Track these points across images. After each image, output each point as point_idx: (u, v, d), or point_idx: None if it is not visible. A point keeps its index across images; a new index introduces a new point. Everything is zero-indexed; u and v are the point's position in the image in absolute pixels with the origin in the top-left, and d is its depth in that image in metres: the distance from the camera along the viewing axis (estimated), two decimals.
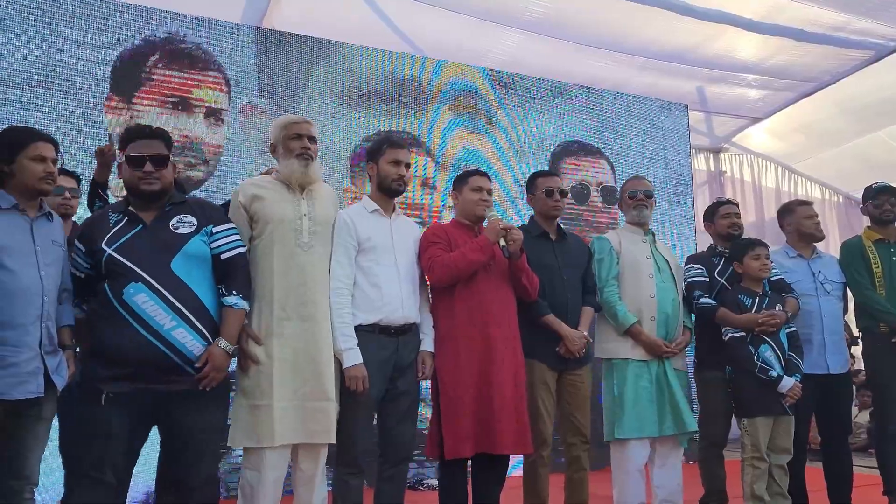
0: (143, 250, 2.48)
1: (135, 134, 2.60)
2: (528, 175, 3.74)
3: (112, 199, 3.35)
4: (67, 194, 3.23)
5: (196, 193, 4.67)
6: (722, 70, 6.63)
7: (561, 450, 3.55)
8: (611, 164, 6.57)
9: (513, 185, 6.01)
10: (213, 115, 5.03)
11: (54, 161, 2.48)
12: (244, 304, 2.61)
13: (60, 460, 2.58)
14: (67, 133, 4.53)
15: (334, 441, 2.78)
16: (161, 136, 2.62)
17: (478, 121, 6.01)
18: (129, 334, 2.39)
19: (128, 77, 4.80)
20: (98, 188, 3.32)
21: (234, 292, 2.58)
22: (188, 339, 2.44)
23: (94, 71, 4.70)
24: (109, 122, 4.70)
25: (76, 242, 2.57)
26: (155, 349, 2.39)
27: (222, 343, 2.51)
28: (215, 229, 2.62)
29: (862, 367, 5.74)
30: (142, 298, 2.41)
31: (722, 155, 8.42)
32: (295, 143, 2.86)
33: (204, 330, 2.49)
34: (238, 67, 5.15)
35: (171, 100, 4.92)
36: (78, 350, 2.57)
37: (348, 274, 2.91)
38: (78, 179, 3.39)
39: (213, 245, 2.59)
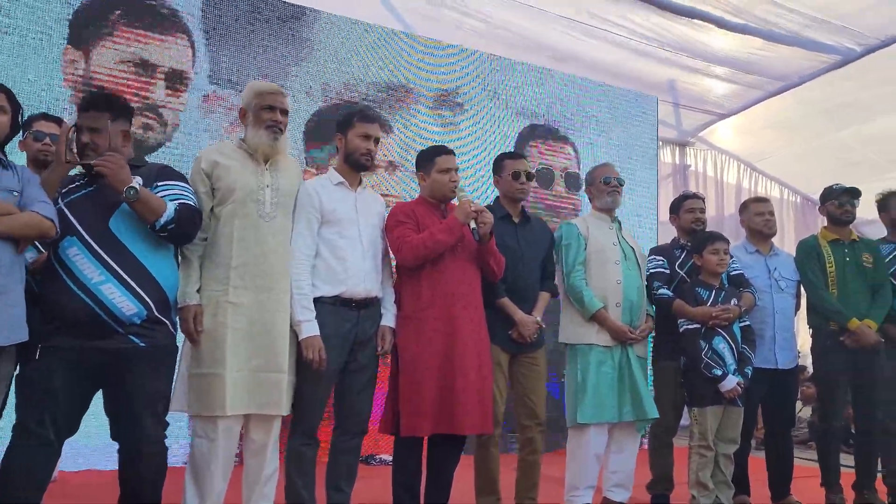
0: (87, 208, 2.45)
1: (87, 104, 2.54)
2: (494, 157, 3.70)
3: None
4: (48, 140, 3.09)
5: (152, 158, 4.56)
6: (694, 58, 6.63)
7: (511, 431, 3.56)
8: (576, 151, 6.59)
9: (470, 171, 5.94)
10: (176, 78, 4.89)
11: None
12: (169, 206, 2.46)
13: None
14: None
15: (286, 413, 2.76)
16: (109, 108, 2.53)
17: (445, 101, 5.96)
18: (62, 288, 2.37)
19: (87, 30, 4.62)
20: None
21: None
22: (117, 296, 2.37)
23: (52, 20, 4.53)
24: (65, 76, 4.55)
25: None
26: (83, 304, 2.35)
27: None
28: (159, 183, 2.55)
29: (805, 363, 5.94)
30: (73, 252, 2.39)
31: (687, 149, 8.53)
32: (266, 114, 2.80)
33: (140, 290, 2.42)
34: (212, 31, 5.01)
35: (131, 59, 4.76)
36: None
37: (309, 245, 2.87)
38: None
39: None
